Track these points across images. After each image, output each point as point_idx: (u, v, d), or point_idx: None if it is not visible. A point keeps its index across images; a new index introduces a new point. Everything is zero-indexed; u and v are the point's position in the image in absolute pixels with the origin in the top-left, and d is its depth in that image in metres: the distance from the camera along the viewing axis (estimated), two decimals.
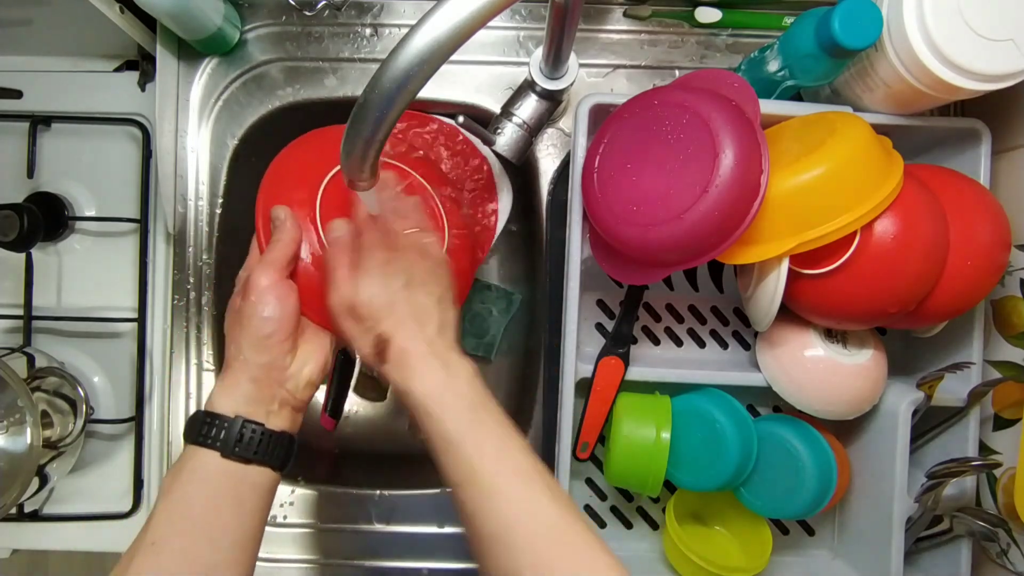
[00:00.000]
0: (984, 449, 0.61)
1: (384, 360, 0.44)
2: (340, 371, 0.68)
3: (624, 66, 0.69)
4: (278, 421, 0.46)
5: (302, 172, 0.55)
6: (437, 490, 0.69)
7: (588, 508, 0.67)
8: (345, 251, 0.47)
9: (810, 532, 0.68)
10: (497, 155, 0.65)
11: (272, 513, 0.68)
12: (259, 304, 0.46)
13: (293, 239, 0.49)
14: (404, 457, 0.79)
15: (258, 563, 0.66)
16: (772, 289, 0.53)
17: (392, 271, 0.46)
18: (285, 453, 0.46)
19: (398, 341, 0.44)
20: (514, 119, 0.64)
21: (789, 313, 0.58)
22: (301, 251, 0.50)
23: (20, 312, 0.67)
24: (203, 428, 0.43)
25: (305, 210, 0.52)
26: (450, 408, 0.43)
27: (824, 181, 0.49)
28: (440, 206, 0.58)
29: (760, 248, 0.51)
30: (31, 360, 0.65)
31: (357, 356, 0.75)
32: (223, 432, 0.43)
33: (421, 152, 0.67)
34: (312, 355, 0.49)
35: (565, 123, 0.69)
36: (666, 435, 0.58)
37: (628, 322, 0.62)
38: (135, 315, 0.68)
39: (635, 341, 0.66)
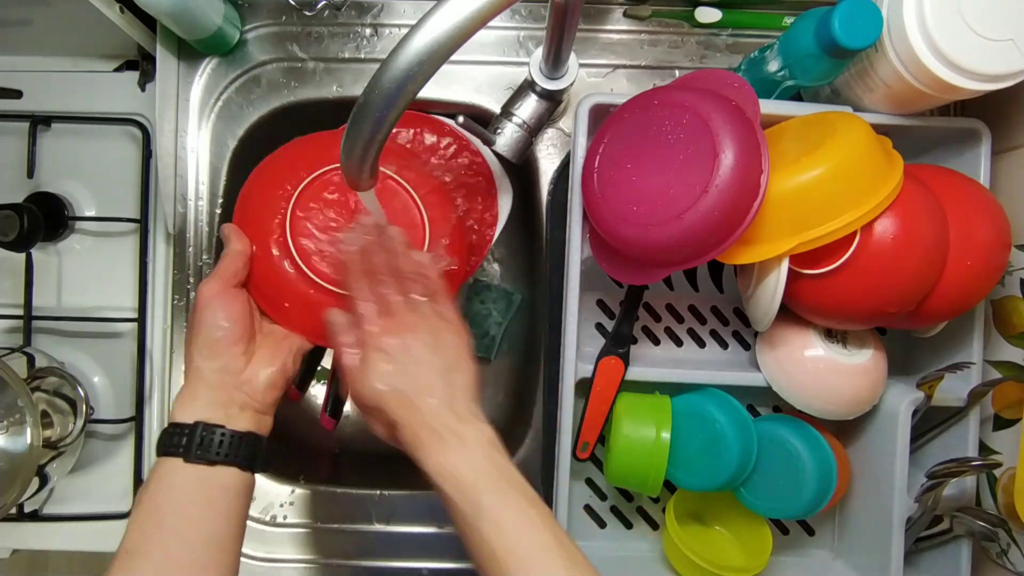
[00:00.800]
0: (984, 449, 0.61)
1: (399, 444, 0.46)
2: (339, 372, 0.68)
3: (624, 66, 0.69)
4: (241, 423, 0.47)
5: (273, 187, 0.56)
6: None
7: (588, 508, 0.67)
8: (347, 343, 0.47)
9: (810, 532, 0.68)
10: (497, 155, 0.65)
11: (272, 513, 0.68)
12: (205, 311, 0.47)
13: (239, 252, 0.51)
14: (404, 457, 0.79)
15: (258, 563, 0.67)
16: (772, 289, 0.53)
17: (391, 353, 0.46)
18: (251, 453, 0.47)
19: (407, 424, 0.44)
20: (514, 119, 0.64)
21: (789, 313, 0.58)
22: (271, 259, 0.52)
23: (20, 312, 0.67)
24: (168, 439, 0.45)
25: (276, 216, 0.54)
26: (465, 486, 0.42)
27: (824, 181, 0.49)
28: (424, 213, 0.58)
29: (760, 248, 0.51)
30: (31, 360, 0.65)
31: None
32: (183, 439, 0.44)
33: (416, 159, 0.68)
34: (270, 359, 0.50)
35: (565, 123, 0.69)
36: (666, 435, 0.58)
37: (628, 322, 0.62)
38: (135, 315, 0.68)
39: (635, 341, 0.66)
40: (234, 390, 0.47)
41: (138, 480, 0.68)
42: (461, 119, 0.57)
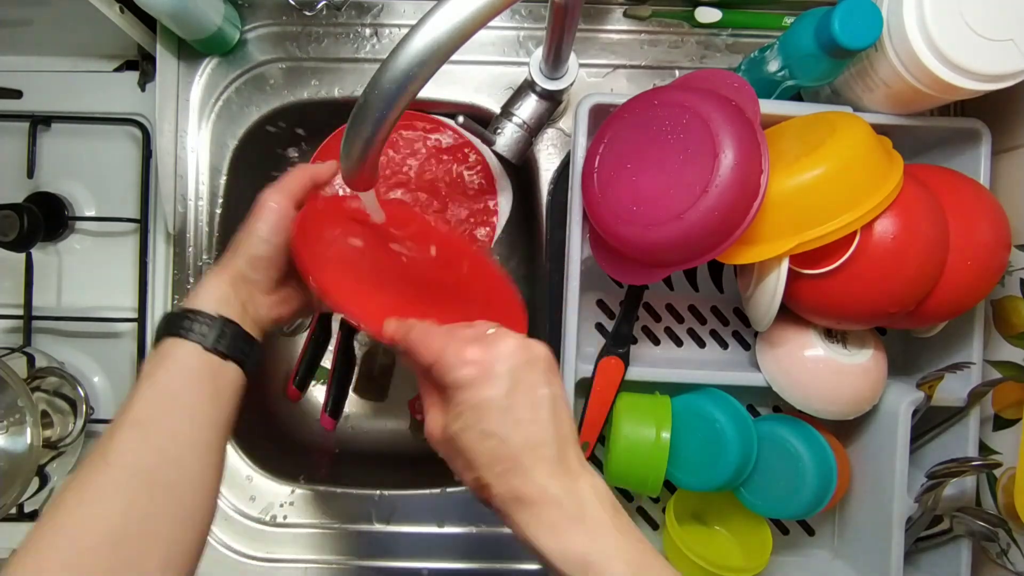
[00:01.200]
0: (984, 449, 0.61)
1: (493, 507, 0.39)
2: (340, 371, 0.68)
3: (624, 66, 0.69)
4: (249, 329, 0.48)
5: None
6: (437, 490, 0.69)
7: None
8: (428, 384, 0.44)
9: (810, 532, 0.68)
10: (497, 155, 0.65)
11: (272, 513, 0.68)
12: (260, 222, 0.48)
13: (314, 174, 0.51)
14: (404, 457, 0.79)
15: (258, 563, 0.67)
16: (772, 289, 0.53)
17: (486, 400, 0.39)
18: (255, 356, 0.48)
19: (508, 486, 0.38)
20: (514, 119, 0.64)
21: (789, 313, 0.58)
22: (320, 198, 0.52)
23: (20, 312, 0.67)
24: (187, 323, 0.45)
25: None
26: (577, 564, 0.36)
27: (824, 181, 0.49)
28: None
29: (760, 248, 0.51)
30: (31, 360, 0.65)
31: (356, 356, 0.75)
32: (205, 328, 0.45)
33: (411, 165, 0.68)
34: (286, 302, 0.51)
35: (565, 123, 0.69)
36: (666, 435, 0.58)
37: (628, 322, 0.62)
38: (135, 315, 0.68)
39: (635, 341, 0.66)
40: (252, 303, 0.49)
41: None
42: (461, 119, 0.57)
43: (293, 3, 0.68)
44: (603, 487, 0.39)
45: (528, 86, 0.64)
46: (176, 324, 0.45)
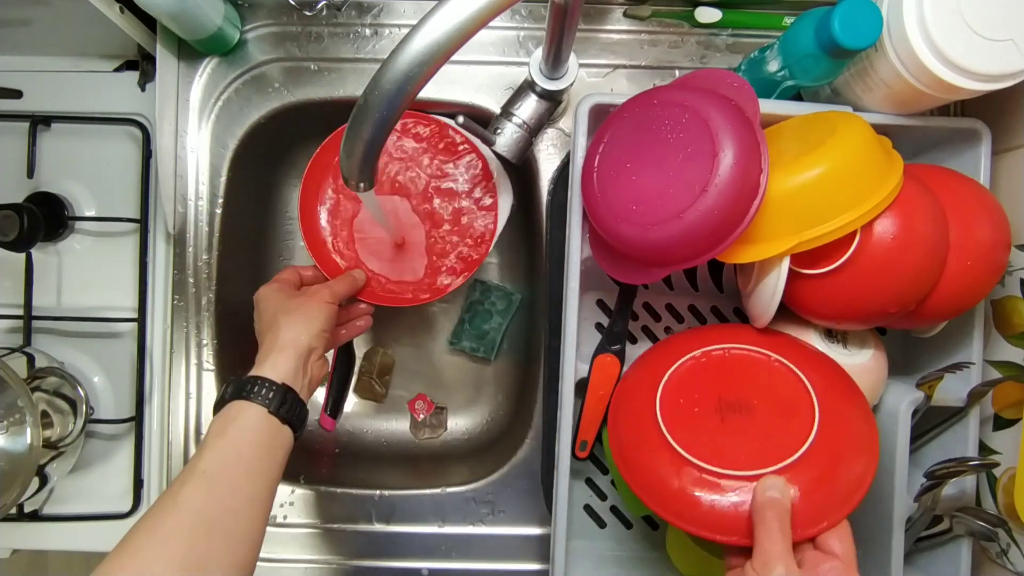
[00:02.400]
0: (984, 449, 0.61)
1: None
2: (340, 371, 0.68)
3: (624, 66, 0.69)
4: (303, 395, 0.55)
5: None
6: (437, 490, 0.69)
7: (588, 508, 0.68)
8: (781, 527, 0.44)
9: None
10: (497, 155, 0.65)
11: (272, 513, 0.68)
12: (328, 307, 0.58)
13: (356, 289, 0.65)
14: (404, 457, 0.79)
15: (258, 563, 0.66)
16: (772, 287, 0.53)
17: None
18: (304, 421, 0.54)
19: None
20: (514, 119, 0.64)
21: (789, 313, 0.58)
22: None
23: (20, 312, 0.67)
24: (256, 388, 0.51)
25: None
26: None
27: (824, 181, 0.49)
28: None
29: (760, 247, 0.51)
30: (31, 360, 0.65)
31: (356, 356, 0.76)
32: (272, 393, 0.51)
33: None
34: (325, 359, 0.60)
35: (565, 123, 0.69)
36: None
37: (623, 320, 0.62)
38: (135, 315, 0.68)
39: (632, 339, 0.66)
40: (310, 369, 0.56)
41: (138, 480, 0.68)
42: (461, 119, 0.57)
43: (293, 3, 0.68)
44: None
45: (528, 86, 0.64)
46: (245, 388, 0.51)
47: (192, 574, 0.43)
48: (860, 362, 0.57)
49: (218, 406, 0.52)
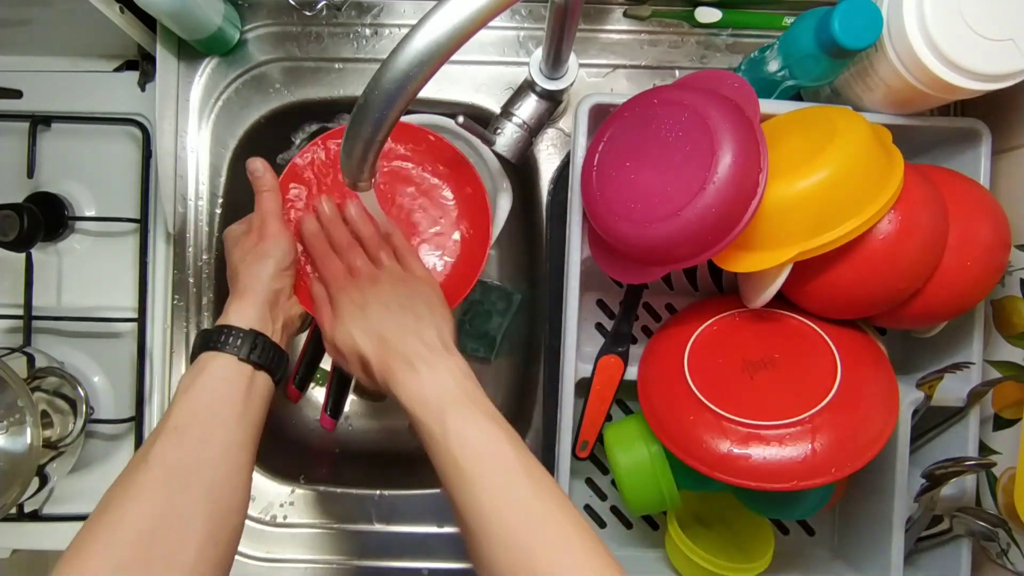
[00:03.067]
0: (984, 449, 0.61)
1: (373, 377, 0.50)
2: (339, 371, 0.68)
3: (624, 66, 0.68)
4: (278, 339, 0.53)
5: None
6: (437, 490, 0.69)
7: (588, 508, 0.68)
8: (323, 300, 0.54)
9: (810, 532, 0.68)
10: (497, 155, 0.65)
11: (272, 513, 0.68)
12: (276, 242, 0.54)
13: (275, 187, 0.58)
14: (404, 457, 0.79)
15: (258, 563, 0.67)
16: (771, 289, 0.53)
17: (355, 306, 0.52)
18: (283, 366, 0.53)
19: (379, 359, 0.49)
20: (514, 119, 0.64)
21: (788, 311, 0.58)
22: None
23: (20, 312, 0.67)
24: (221, 337, 0.50)
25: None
26: (432, 407, 0.46)
27: (825, 189, 0.49)
28: (452, 198, 0.61)
29: (763, 255, 0.51)
30: (31, 360, 0.65)
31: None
32: (239, 340, 0.49)
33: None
34: (296, 302, 0.57)
35: (565, 123, 0.69)
36: (655, 447, 0.57)
37: (627, 321, 0.62)
38: (135, 315, 0.68)
39: (635, 340, 0.66)
40: (280, 311, 0.54)
41: None
42: (461, 119, 0.57)
43: (293, 3, 0.68)
44: (461, 363, 0.49)
45: (528, 86, 0.64)
46: (212, 339, 0.50)
47: (171, 528, 0.42)
48: None
49: (191, 361, 0.51)
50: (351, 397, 0.81)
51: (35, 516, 0.67)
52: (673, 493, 0.57)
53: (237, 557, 0.66)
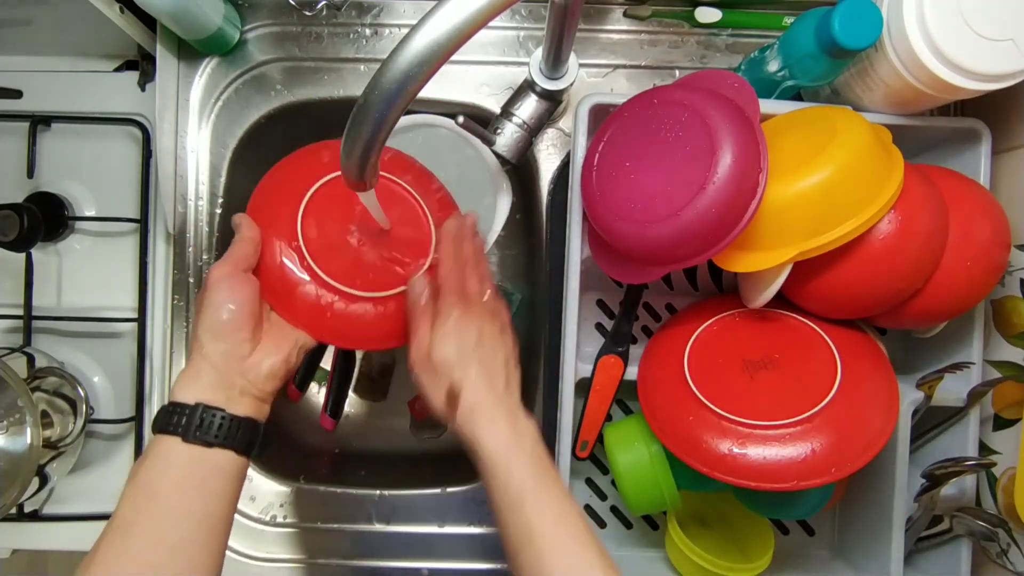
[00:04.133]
0: (984, 449, 0.61)
1: (455, 410, 0.47)
2: (340, 371, 0.68)
3: (624, 66, 0.69)
4: (240, 408, 0.47)
5: (287, 188, 0.56)
6: (437, 490, 0.69)
7: (588, 508, 0.68)
8: (425, 311, 0.51)
9: (810, 532, 0.68)
10: (497, 155, 0.65)
11: (272, 513, 0.68)
12: (214, 292, 0.47)
13: (250, 238, 0.51)
14: (404, 457, 0.79)
15: (258, 563, 0.67)
16: (770, 288, 0.53)
17: (466, 329, 0.48)
18: (249, 437, 0.47)
19: (469, 394, 0.47)
20: (514, 119, 0.64)
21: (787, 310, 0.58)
22: (281, 256, 0.52)
23: (20, 312, 0.67)
24: (167, 417, 0.45)
25: (287, 215, 0.54)
26: (516, 466, 0.45)
27: (824, 189, 0.49)
28: (427, 213, 0.58)
29: (762, 256, 0.51)
30: (31, 360, 0.65)
31: (356, 356, 0.75)
32: (183, 419, 0.44)
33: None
34: (275, 350, 0.49)
35: (565, 123, 0.69)
36: (656, 447, 0.57)
37: (628, 321, 0.62)
38: (135, 315, 0.68)
39: (635, 340, 0.66)
40: (236, 375, 0.47)
41: None
42: (461, 119, 0.57)
43: (293, 3, 0.68)
44: (536, 430, 0.47)
45: (528, 86, 0.64)
46: (160, 420, 0.45)
47: None
48: None
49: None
50: (351, 397, 0.82)
51: (35, 516, 0.67)
52: (673, 493, 0.57)
53: (237, 557, 0.67)
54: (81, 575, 0.40)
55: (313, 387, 0.81)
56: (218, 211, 0.69)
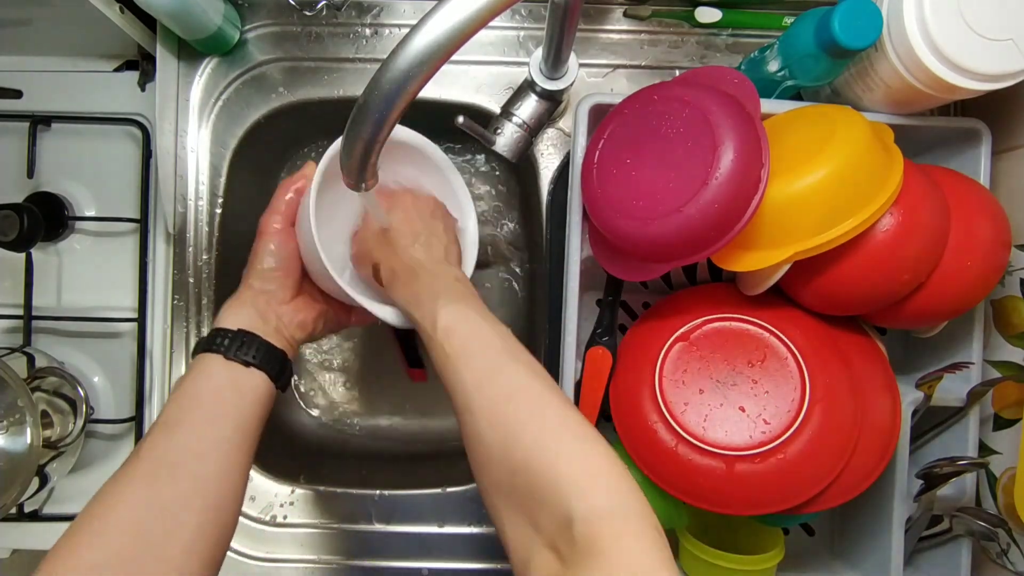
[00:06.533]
0: (984, 449, 0.61)
1: (380, 284, 0.54)
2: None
3: (624, 66, 0.69)
4: (274, 340, 0.52)
5: None
6: (437, 490, 0.69)
7: None
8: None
9: (810, 532, 0.68)
10: (497, 155, 0.65)
11: (272, 513, 0.68)
12: (266, 242, 0.54)
13: (296, 186, 0.56)
14: (404, 457, 0.79)
15: (258, 563, 0.67)
16: (768, 279, 0.53)
17: (411, 210, 0.55)
18: (280, 366, 0.52)
19: (386, 262, 0.53)
20: (514, 119, 0.64)
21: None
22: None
23: (20, 312, 0.67)
24: (211, 339, 0.50)
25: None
26: (426, 306, 0.48)
27: (823, 188, 0.49)
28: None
29: (761, 255, 0.51)
30: (31, 360, 0.65)
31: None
32: (226, 340, 0.50)
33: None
34: (307, 306, 0.56)
35: (565, 123, 0.69)
36: None
37: (612, 311, 0.62)
38: (135, 315, 0.68)
39: (623, 330, 0.66)
40: (274, 314, 0.54)
41: None
42: (461, 119, 0.57)
43: (293, 3, 0.68)
44: (459, 273, 0.52)
45: (528, 86, 0.64)
46: (204, 342, 0.51)
47: (159, 519, 0.42)
48: None
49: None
50: (351, 396, 0.82)
51: (35, 516, 0.67)
52: (681, 512, 0.57)
53: (237, 557, 0.67)
54: (131, 459, 0.45)
55: (321, 383, 0.81)
56: (218, 211, 0.69)
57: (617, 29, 0.68)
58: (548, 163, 0.69)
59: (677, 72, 0.68)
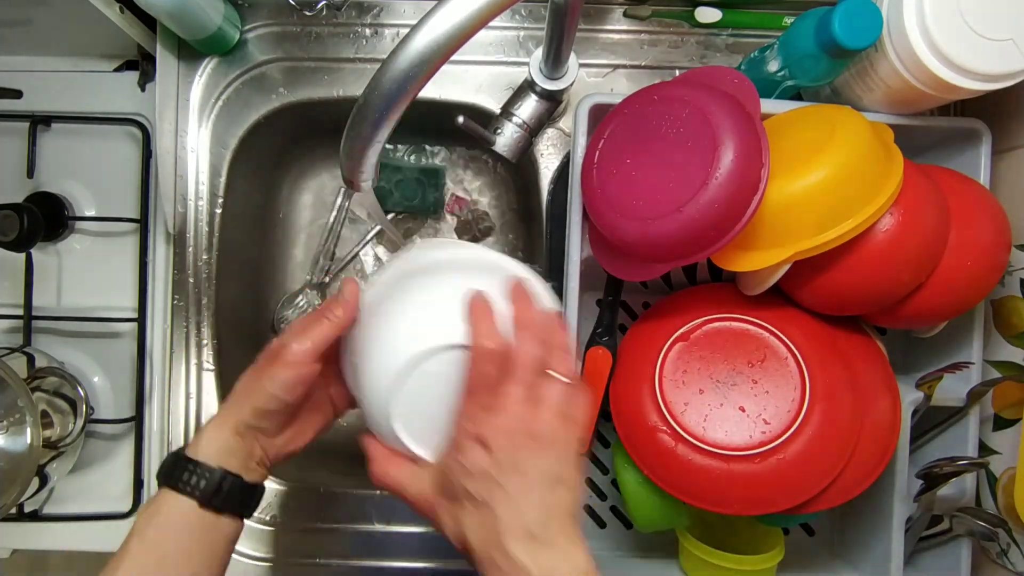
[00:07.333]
0: (984, 449, 0.61)
1: (468, 548, 0.41)
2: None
3: (624, 66, 0.69)
4: (254, 475, 0.47)
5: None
6: None
7: (588, 508, 0.67)
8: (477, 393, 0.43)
9: (810, 532, 0.68)
10: (497, 155, 0.65)
11: (272, 513, 0.68)
12: (280, 374, 0.44)
13: (339, 322, 0.46)
14: None
15: (258, 563, 0.67)
16: (767, 279, 0.53)
17: (490, 452, 0.40)
18: (254, 503, 0.47)
19: (484, 552, 0.39)
20: (514, 119, 0.64)
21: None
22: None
23: (20, 312, 0.67)
24: (183, 475, 0.43)
25: None
26: None
27: (823, 188, 0.49)
28: None
29: (760, 255, 0.51)
30: (31, 360, 0.65)
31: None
32: (203, 482, 0.43)
33: None
34: (299, 436, 0.50)
35: (565, 123, 0.69)
36: None
37: (611, 311, 0.62)
38: (135, 315, 0.68)
39: (622, 330, 0.66)
40: (260, 448, 0.47)
41: (138, 480, 0.68)
42: (461, 119, 0.57)
43: (293, 3, 0.68)
44: (583, 563, 0.38)
45: (528, 86, 0.64)
46: (173, 474, 0.44)
47: None
48: None
49: (158, 480, 0.45)
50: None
51: (35, 516, 0.67)
52: (681, 512, 0.57)
53: (237, 557, 0.67)
54: None
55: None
56: (218, 211, 0.69)
57: (617, 29, 0.68)
58: (548, 163, 0.69)
59: (677, 72, 0.68)
